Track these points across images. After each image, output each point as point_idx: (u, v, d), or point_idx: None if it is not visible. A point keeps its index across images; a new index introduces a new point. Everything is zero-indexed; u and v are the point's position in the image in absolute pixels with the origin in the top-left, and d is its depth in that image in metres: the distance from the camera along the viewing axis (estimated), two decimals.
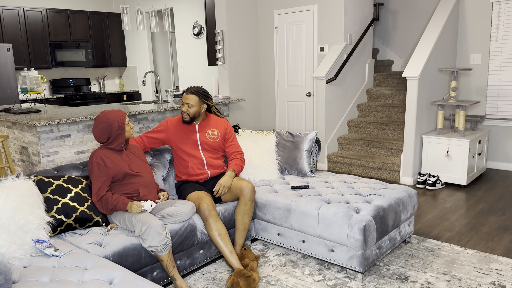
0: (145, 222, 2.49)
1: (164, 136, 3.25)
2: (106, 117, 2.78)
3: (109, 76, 8.96)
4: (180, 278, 2.59)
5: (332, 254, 2.84)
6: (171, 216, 2.72)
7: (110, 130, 2.75)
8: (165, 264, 2.54)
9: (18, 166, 3.82)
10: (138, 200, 2.78)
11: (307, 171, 3.59)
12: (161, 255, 2.53)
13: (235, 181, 3.12)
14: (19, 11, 7.24)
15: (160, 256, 2.53)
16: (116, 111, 2.82)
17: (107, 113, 2.80)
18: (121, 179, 2.77)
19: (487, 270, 2.84)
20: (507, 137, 5.23)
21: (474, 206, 4.07)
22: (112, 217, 2.77)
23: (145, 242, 2.48)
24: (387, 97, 6.00)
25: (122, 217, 2.67)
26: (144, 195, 2.81)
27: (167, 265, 2.54)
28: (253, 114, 6.29)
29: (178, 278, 2.58)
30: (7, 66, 6.48)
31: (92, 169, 2.71)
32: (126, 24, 4.78)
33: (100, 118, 2.78)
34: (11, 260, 2.20)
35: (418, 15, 6.63)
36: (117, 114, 2.79)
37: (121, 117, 2.80)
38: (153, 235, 2.45)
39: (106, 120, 2.76)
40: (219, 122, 3.35)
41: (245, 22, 5.96)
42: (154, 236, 2.45)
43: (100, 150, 2.77)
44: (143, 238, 2.48)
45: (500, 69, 5.18)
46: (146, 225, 2.46)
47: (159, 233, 2.46)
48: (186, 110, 3.16)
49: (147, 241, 2.46)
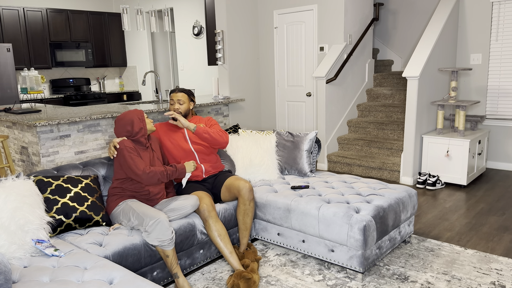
0: (153, 216, 2.53)
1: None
2: (124, 114, 2.93)
3: (109, 76, 8.96)
4: (183, 276, 2.61)
5: (332, 254, 2.84)
6: (176, 210, 2.76)
7: (132, 124, 2.87)
8: (169, 260, 2.56)
9: (18, 166, 3.82)
10: (148, 198, 2.87)
11: (307, 171, 3.59)
12: (167, 250, 2.54)
13: (233, 180, 3.13)
14: (19, 11, 7.24)
15: (165, 252, 2.55)
16: (133, 110, 2.98)
17: (124, 113, 2.96)
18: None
19: (487, 270, 2.84)
20: (507, 137, 5.23)
21: (474, 206, 4.07)
22: (115, 215, 2.77)
23: (151, 235, 2.50)
24: (387, 97, 6.00)
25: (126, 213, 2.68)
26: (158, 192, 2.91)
27: (171, 262, 2.56)
28: (253, 114, 6.29)
29: (181, 275, 2.60)
30: (7, 66, 6.48)
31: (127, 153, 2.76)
32: (126, 24, 4.78)
33: (120, 117, 2.93)
34: (11, 260, 2.20)
35: (418, 15, 6.63)
36: (135, 111, 2.95)
37: (139, 112, 2.97)
38: (160, 228, 2.49)
39: (126, 117, 2.90)
40: (203, 119, 3.50)
41: (245, 22, 5.96)
42: (162, 229, 2.49)
43: (127, 141, 2.84)
44: (150, 231, 2.50)
45: (500, 69, 5.18)
46: (155, 219, 2.51)
47: (167, 227, 2.51)
48: (178, 108, 3.29)
49: (153, 234, 2.49)
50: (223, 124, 5.17)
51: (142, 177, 2.72)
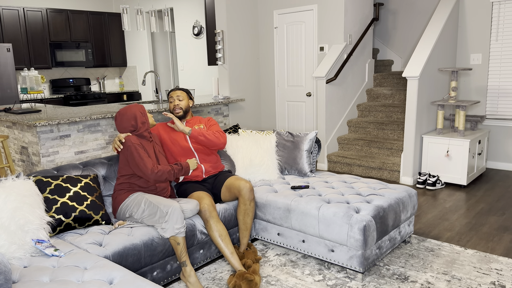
0: (167, 205, 2.57)
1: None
2: (126, 109, 2.94)
3: (109, 76, 8.96)
4: (190, 265, 2.64)
5: (332, 254, 2.84)
6: None
7: (135, 118, 2.89)
8: (180, 248, 2.59)
9: (18, 166, 3.82)
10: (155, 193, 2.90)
11: (307, 171, 3.59)
12: (179, 237, 2.57)
13: (233, 180, 3.13)
14: (19, 11, 7.24)
15: (177, 239, 2.57)
16: (133, 104, 2.99)
17: (126, 107, 2.96)
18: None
19: (487, 270, 2.84)
20: (507, 137, 5.23)
21: (474, 206, 4.07)
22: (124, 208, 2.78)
23: (168, 224, 2.53)
24: (387, 97, 6.00)
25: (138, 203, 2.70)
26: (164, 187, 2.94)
27: (181, 250, 2.59)
28: (253, 114, 6.29)
29: (188, 264, 2.63)
30: (7, 66, 6.48)
31: (136, 150, 2.76)
32: (126, 24, 4.78)
33: (122, 111, 2.93)
34: (11, 260, 2.20)
35: (418, 15, 6.63)
36: (136, 106, 2.97)
37: (141, 107, 2.98)
38: (176, 216, 2.53)
39: (129, 111, 2.91)
40: (203, 119, 3.51)
41: (245, 22, 5.96)
42: (178, 217, 2.54)
43: (133, 137, 2.85)
44: (167, 221, 2.53)
45: (500, 69, 5.18)
46: (169, 208, 2.55)
47: (181, 214, 2.56)
48: (178, 104, 3.33)
49: (170, 223, 2.52)
50: (223, 124, 5.17)
51: (150, 177, 2.74)
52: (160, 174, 2.76)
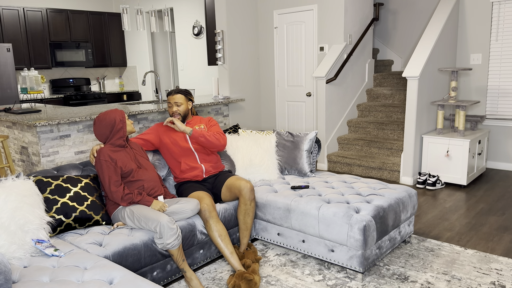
0: (154, 220, 2.54)
1: (154, 137, 3.28)
2: (105, 114, 2.86)
3: (109, 76, 8.96)
4: (190, 270, 2.64)
5: (332, 254, 2.84)
6: (176, 213, 2.75)
7: (112, 125, 2.82)
8: (175, 258, 2.60)
9: (18, 166, 3.82)
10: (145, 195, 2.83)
11: (307, 171, 3.59)
12: (172, 250, 2.58)
13: (234, 180, 3.13)
14: (19, 11, 7.24)
15: (170, 251, 2.58)
16: (114, 109, 2.91)
17: (105, 112, 2.88)
18: (128, 175, 2.81)
19: (487, 270, 2.84)
20: (507, 137, 5.23)
21: (474, 206, 4.07)
22: (115, 217, 2.77)
23: (161, 241, 2.53)
24: (387, 97, 6.00)
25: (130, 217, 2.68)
26: (152, 187, 2.88)
27: (177, 259, 2.60)
28: (253, 114, 6.29)
29: (188, 270, 2.63)
30: (7, 66, 6.48)
31: (101, 167, 2.74)
32: (126, 24, 4.78)
33: (100, 117, 2.86)
34: (11, 260, 2.20)
35: (418, 15, 6.63)
36: (116, 111, 2.89)
37: (121, 113, 2.90)
38: (166, 232, 2.50)
39: (107, 117, 2.84)
40: (204, 119, 3.47)
41: (245, 22, 5.96)
42: (168, 232, 2.50)
43: (106, 148, 2.81)
44: (159, 237, 2.53)
45: (500, 69, 5.18)
46: (156, 224, 2.52)
47: (170, 227, 2.51)
48: (177, 110, 3.28)
49: (163, 239, 2.51)
50: (223, 124, 5.17)
51: (108, 194, 2.72)
52: (115, 196, 2.70)
